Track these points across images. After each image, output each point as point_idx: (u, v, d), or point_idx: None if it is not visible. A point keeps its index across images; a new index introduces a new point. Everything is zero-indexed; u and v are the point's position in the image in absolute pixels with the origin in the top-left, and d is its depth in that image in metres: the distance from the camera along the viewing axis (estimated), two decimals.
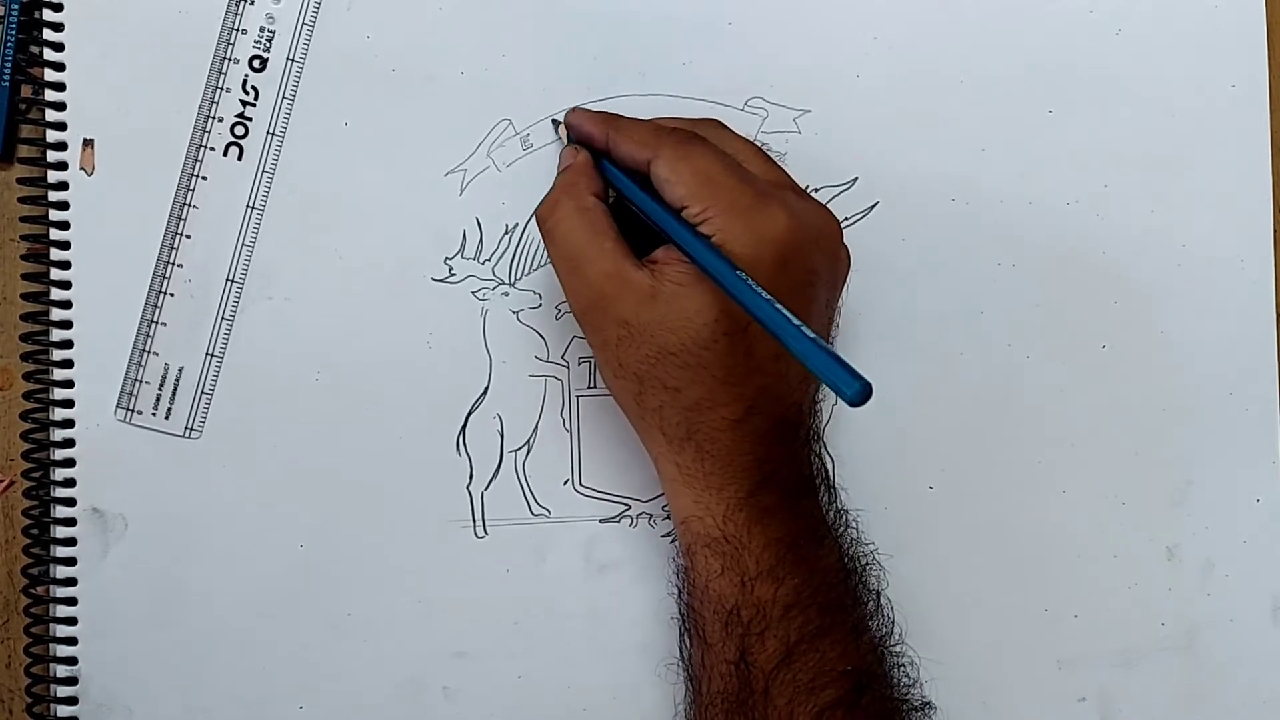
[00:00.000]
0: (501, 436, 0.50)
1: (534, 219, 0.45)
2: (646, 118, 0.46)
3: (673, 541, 0.50)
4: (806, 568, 0.43)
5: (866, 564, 0.46)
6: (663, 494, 0.50)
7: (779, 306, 0.38)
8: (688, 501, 0.44)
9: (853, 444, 0.50)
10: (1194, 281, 0.51)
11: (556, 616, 0.50)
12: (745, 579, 0.43)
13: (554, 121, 0.49)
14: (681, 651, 0.46)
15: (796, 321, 0.37)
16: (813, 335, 0.37)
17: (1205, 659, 0.51)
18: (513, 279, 0.50)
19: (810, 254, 0.42)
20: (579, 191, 0.44)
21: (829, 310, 0.45)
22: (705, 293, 0.41)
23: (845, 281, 0.45)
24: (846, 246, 0.45)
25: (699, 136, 0.44)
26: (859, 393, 0.35)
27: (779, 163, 0.46)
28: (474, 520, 0.50)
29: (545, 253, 0.49)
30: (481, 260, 0.50)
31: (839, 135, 0.47)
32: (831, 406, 0.50)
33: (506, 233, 0.50)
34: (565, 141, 0.48)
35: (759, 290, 0.38)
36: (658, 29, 0.50)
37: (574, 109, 0.48)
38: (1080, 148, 0.51)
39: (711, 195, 0.41)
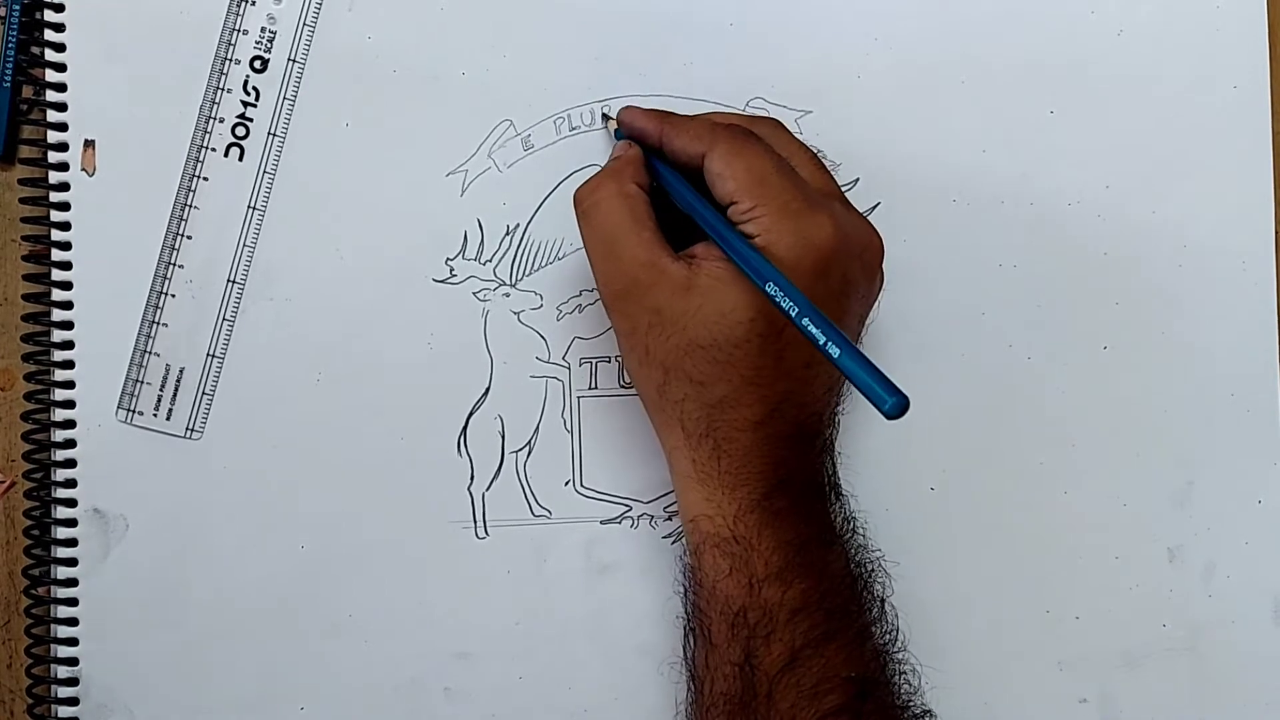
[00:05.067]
0: (502, 437, 0.50)
1: (572, 199, 0.45)
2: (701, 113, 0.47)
3: (674, 543, 0.50)
4: (814, 572, 0.43)
5: (872, 570, 0.46)
6: (664, 495, 0.50)
7: (819, 315, 0.38)
8: (699, 499, 0.44)
9: (854, 445, 0.50)
10: (1195, 282, 0.51)
11: (557, 617, 0.50)
12: (753, 580, 0.42)
13: (604, 115, 0.49)
14: (685, 651, 0.46)
15: (836, 330, 0.37)
16: (852, 345, 0.37)
17: (1207, 660, 0.51)
18: (514, 280, 0.50)
19: (850, 266, 0.42)
20: (623, 178, 0.44)
21: (859, 326, 0.45)
22: (744, 291, 0.41)
23: (877, 300, 0.45)
24: (883, 270, 0.45)
25: (754, 135, 0.44)
26: (896, 406, 0.35)
27: (831, 171, 0.46)
28: (475, 521, 0.50)
29: (545, 254, 0.50)
30: (482, 261, 0.50)
31: (840, 136, 0.47)
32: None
33: (508, 233, 0.50)
34: (614, 137, 0.48)
35: (800, 297, 0.38)
36: (659, 29, 0.50)
37: (626, 106, 0.48)
38: (1082, 148, 0.51)
39: (762, 194, 0.41)
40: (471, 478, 0.50)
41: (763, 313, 0.41)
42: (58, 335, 0.48)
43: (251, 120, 0.49)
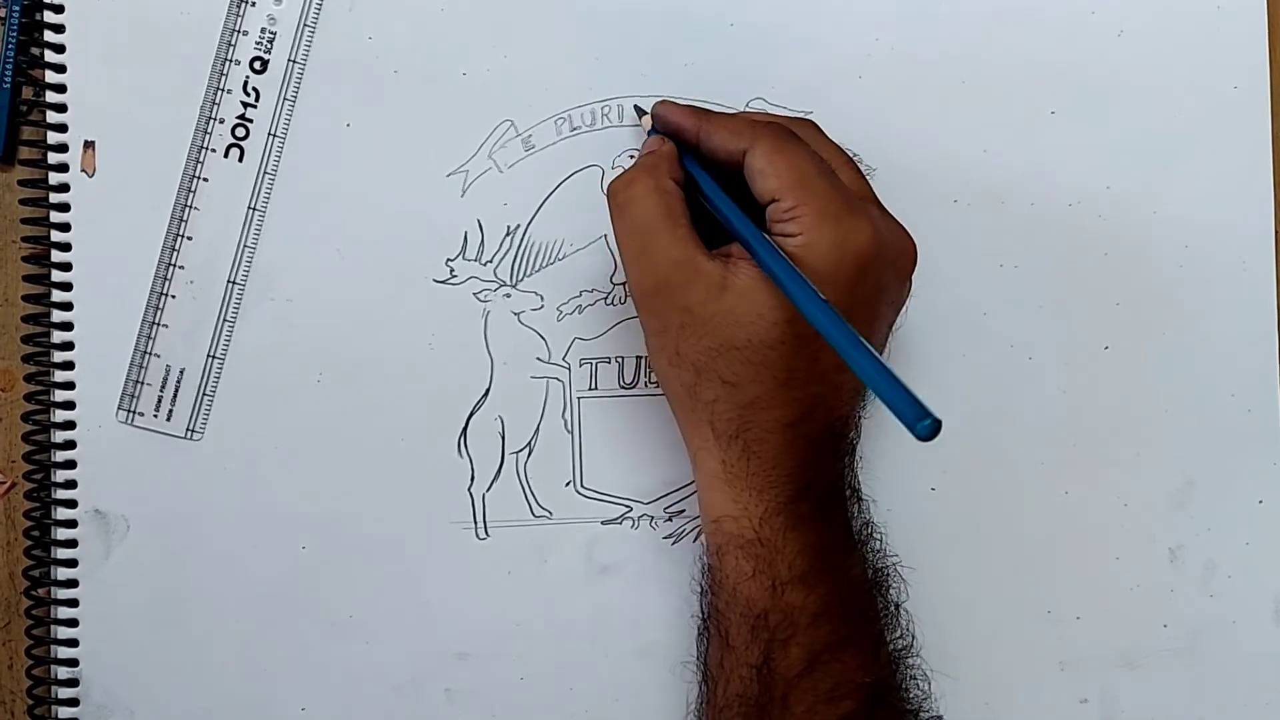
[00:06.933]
0: (503, 438, 0.50)
1: (606, 192, 0.44)
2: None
3: (674, 544, 0.50)
4: (835, 577, 0.43)
5: (888, 575, 0.45)
6: (664, 496, 0.50)
7: (850, 328, 0.37)
8: (725, 500, 0.43)
9: (859, 448, 0.50)
10: (1196, 282, 0.51)
11: (558, 618, 0.50)
12: (777, 584, 0.42)
13: (637, 109, 0.49)
14: (698, 651, 0.45)
15: (870, 347, 0.37)
16: (885, 363, 0.36)
17: (1207, 660, 0.51)
18: (514, 280, 0.50)
19: (884, 272, 0.42)
20: (659, 173, 0.43)
21: (887, 331, 0.45)
22: (779, 292, 0.41)
23: (905, 306, 0.45)
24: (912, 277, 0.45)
25: (796, 134, 0.43)
26: (928, 427, 0.34)
27: (867, 176, 0.46)
28: (475, 522, 0.50)
29: (546, 254, 0.50)
30: (483, 261, 0.50)
31: (840, 136, 0.47)
32: None
33: (508, 234, 0.49)
34: (647, 131, 0.48)
35: (832, 308, 0.38)
36: (659, 30, 0.50)
37: (662, 100, 0.47)
38: (1082, 149, 0.51)
39: (804, 194, 0.41)
40: (472, 478, 0.50)
41: (798, 314, 0.41)
42: (58, 336, 0.48)
43: (251, 121, 0.49)
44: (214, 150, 0.49)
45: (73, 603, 0.49)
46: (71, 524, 0.49)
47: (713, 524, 0.44)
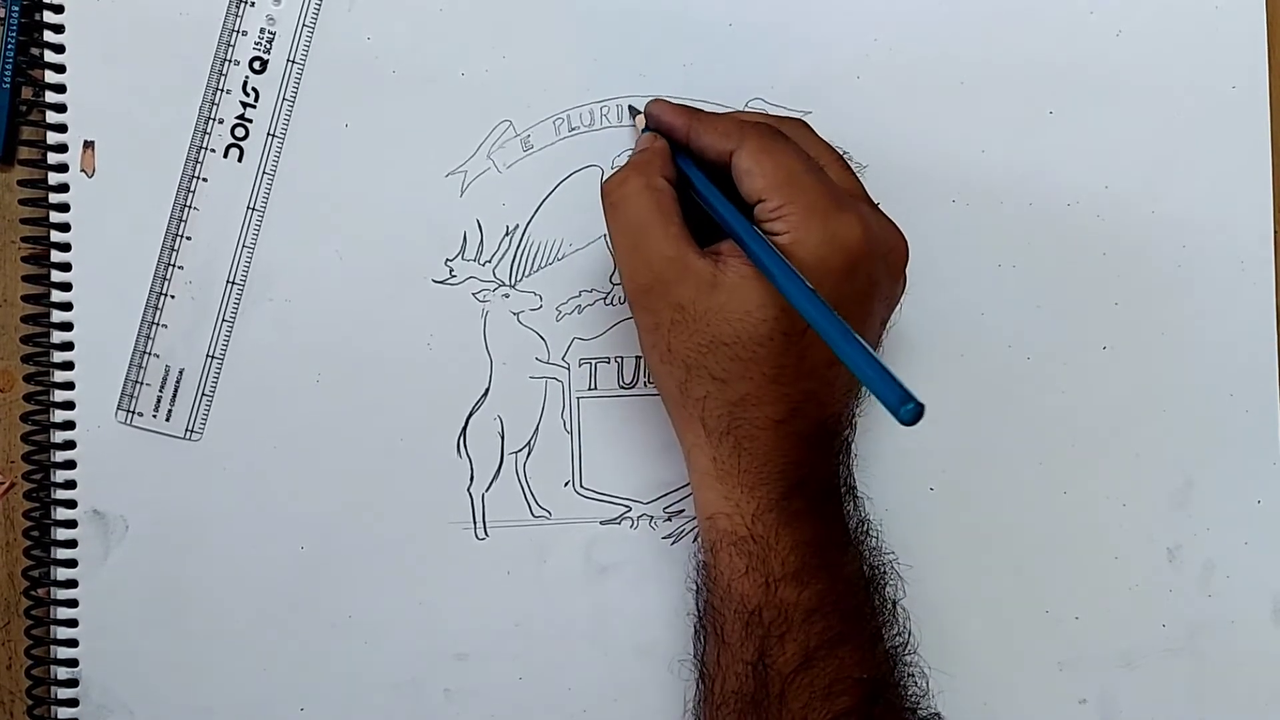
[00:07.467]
0: (502, 438, 0.50)
1: (600, 191, 0.44)
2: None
3: (674, 544, 0.50)
4: (830, 574, 0.43)
5: (885, 572, 0.46)
6: (664, 495, 0.50)
7: (839, 319, 0.38)
8: (717, 497, 0.43)
9: (854, 446, 0.50)
10: (1194, 282, 0.51)
11: (557, 618, 0.50)
12: (770, 580, 0.42)
13: (631, 109, 0.49)
14: (695, 649, 0.46)
15: (856, 335, 0.37)
16: (870, 351, 0.36)
17: (1206, 660, 0.51)
18: (513, 280, 0.50)
19: (876, 267, 0.42)
20: (651, 171, 0.44)
21: (882, 328, 0.45)
22: (769, 290, 0.41)
23: (899, 302, 0.45)
24: (906, 274, 0.45)
25: (783, 134, 0.44)
26: (912, 412, 0.35)
27: (858, 174, 0.46)
28: (475, 522, 0.50)
29: (545, 255, 0.50)
30: (482, 262, 0.50)
31: (839, 137, 0.47)
32: None
33: (507, 234, 0.50)
34: (640, 130, 0.48)
35: (822, 300, 0.38)
36: (658, 30, 0.50)
37: (655, 100, 0.47)
38: (1081, 149, 0.51)
39: (791, 192, 0.41)
40: (471, 478, 0.50)
41: (787, 311, 0.41)
42: (57, 336, 0.48)
43: (251, 121, 0.49)
44: (213, 150, 0.49)
45: (72, 603, 0.49)
46: (71, 524, 0.49)
47: (706, 521, 0.44)
